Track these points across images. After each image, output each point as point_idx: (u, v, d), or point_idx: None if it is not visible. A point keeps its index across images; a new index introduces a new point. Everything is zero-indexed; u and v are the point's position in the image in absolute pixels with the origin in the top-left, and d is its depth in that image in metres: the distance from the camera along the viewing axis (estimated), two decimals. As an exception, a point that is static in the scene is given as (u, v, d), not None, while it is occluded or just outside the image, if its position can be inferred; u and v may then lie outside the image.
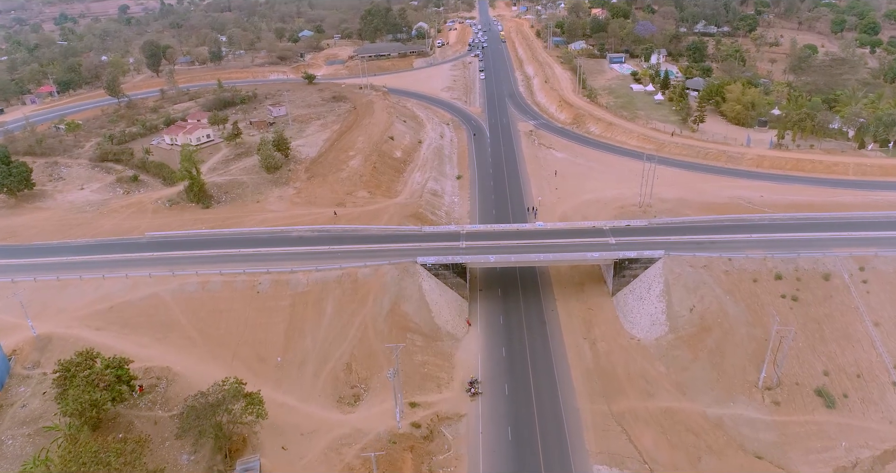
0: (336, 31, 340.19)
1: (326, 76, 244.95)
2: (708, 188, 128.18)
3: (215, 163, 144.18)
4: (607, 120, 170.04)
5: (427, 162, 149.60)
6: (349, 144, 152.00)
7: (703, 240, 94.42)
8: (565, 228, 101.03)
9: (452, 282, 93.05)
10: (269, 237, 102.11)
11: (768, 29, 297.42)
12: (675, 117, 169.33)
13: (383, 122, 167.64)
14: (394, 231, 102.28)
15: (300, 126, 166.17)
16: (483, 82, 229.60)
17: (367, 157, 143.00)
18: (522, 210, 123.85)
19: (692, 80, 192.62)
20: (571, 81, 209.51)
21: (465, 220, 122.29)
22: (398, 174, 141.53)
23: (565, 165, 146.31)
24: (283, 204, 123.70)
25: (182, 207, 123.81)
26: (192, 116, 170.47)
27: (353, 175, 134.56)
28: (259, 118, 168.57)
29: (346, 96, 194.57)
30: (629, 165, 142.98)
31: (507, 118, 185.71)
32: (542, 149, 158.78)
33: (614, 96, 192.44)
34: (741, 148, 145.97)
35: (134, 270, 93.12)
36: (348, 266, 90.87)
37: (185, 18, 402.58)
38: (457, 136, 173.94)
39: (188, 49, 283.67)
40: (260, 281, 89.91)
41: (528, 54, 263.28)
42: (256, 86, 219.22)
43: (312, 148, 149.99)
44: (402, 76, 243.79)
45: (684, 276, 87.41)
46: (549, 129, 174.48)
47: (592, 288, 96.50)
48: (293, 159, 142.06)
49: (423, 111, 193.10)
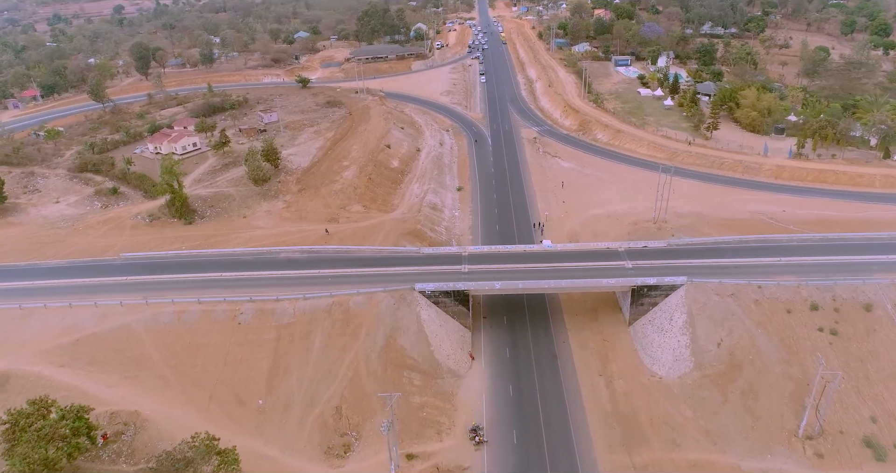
0: (333, 32, 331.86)
1: (322, 79, 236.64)
2: (726, 202, 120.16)
3: (201, 174, 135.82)
4: (615, 127, 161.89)
5: (426, 172, 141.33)
6: (343, 153, 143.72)
7: (729, 264, 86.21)
8: (577, 249, 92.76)
9: (454, 310, 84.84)
10: (254, 259, 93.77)
11: (776, 30, 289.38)
12: (686, 124, 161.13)
13: (380, 129, 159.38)
14: (390, 253, 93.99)
15: (292, 133, 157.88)
16: (484, 86, 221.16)
17: (362, 167, 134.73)
18: (528, 226, 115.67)
19: (703, 84, 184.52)
20: (576, 85, 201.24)
21: (466, 236, 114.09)
22: (395, 186, 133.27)
23: (572, 176, 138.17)
24: (271, 219, 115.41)
25: (163, 223, 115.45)
26: (178, 122, 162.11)
27: (346, 187, 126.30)
28: (249, 125, 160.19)
29: (341, 101, 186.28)
30: (640, 176, 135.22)
31: (509, 124, 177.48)
32: (547, 158, 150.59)
33: (621, 101, 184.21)
34: (759, 158, 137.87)
35: (104, 297, 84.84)
36: (339, 294, 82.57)
37: (178, 19, 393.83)
38: (457, 143, 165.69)
39: (180, 51, 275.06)
40: (242, 311, 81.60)
41: (529, 56, 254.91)
42: (248, 90, 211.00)
43: (304, 157, 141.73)
44: (400, 79, 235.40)
45: (710, 305, 79.19)
46: (553, 136, 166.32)
47: (607, 316, 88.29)
48: (284, 170, 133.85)
49: (421, 117, 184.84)
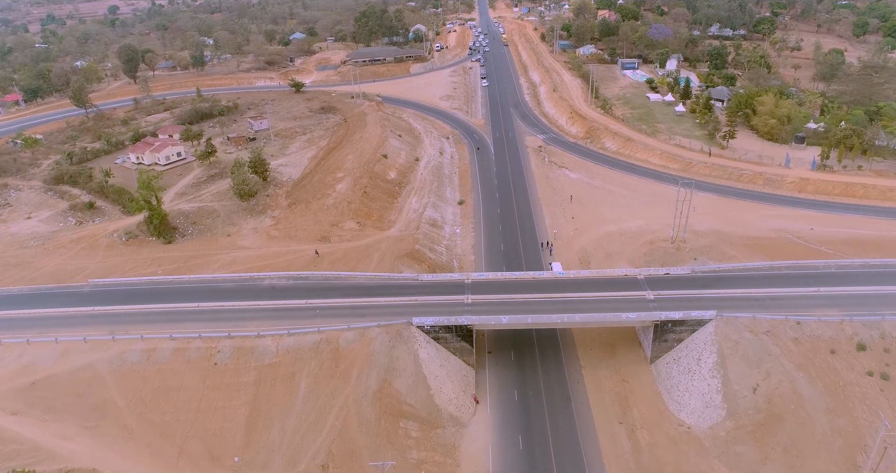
0: (330, 33, 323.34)
1: (316, 83, 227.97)
2: (747, 218, 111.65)
3: (185, 186, 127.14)
4: (625, 135, 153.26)
5: (425, 184, 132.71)
6: (337, 163, 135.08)
7: (762, 295, 77.59)
8: (592, 277, 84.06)
9: (456, 347, 76.27)
10: (235, 287, 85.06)
11: (786, 32, 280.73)
12: (699, 132, 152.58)
13: (376, 137, 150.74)
14: (385, 281, 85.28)
15: (283, 142, 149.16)
16: (485, 90, 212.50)
17: (356, 179, 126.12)
18: (535, 245, 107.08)
19: (715, 89, 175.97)
20: (582, 90, 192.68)
21: (468, 257, 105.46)
22: (392, 200, 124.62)
23: (581, 189, 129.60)
24: (257, 238, 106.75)
25: (140, 242, 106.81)
26: (163, 130, 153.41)
27: (340, 202, 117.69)
28: (238, 133, 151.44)
29: (335, 107, 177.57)
30: (653, 189, 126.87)
31: (513, 131, 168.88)
32: (553, 168, 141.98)
33: (630, 107, 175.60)
34: (780, 169, 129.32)
35: (67, 331, 76.32)
36: (328, 329, 73.97)
37: (172, 20, 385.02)
38: (458, 152, 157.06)
39: (171, 53, 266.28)
40: (219, 349, 72.99)
41: (532, 59, 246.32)
42: (239, 94, 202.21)
43: (295, 168, 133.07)
44: (398, 83, 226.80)
45: (743, 344, 70.62)
46: (559, 144, 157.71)
47: (626, 352, 79.69)
48: (273, 182, 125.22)
49: (420, 123, 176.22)
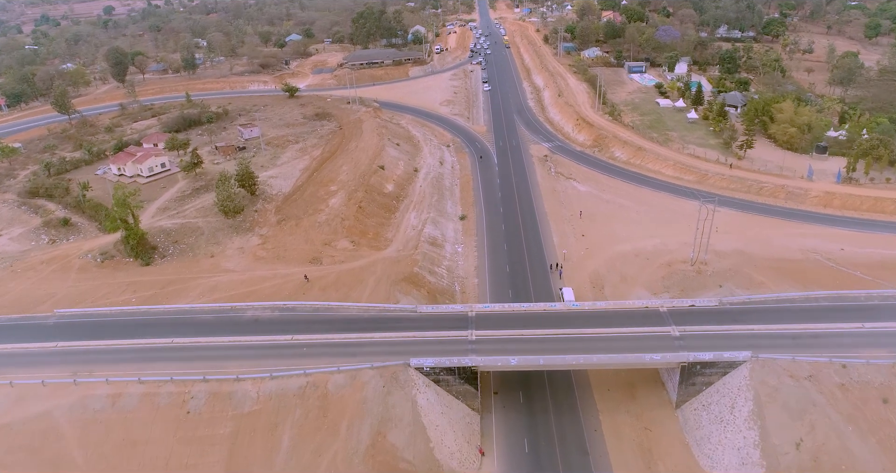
0: (327, 35, 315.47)
1: (312, 87, 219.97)
2: (771, 236, 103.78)
3: (168, 200, 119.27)
4: (635, 143, 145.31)
5: (424, 197, 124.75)
6: (331, 175, 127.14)
7: (800, 331, 69.61)
8: (609, 310, 76.03)
9: (459, 390, 68.30)
10: (215, 320, 77.02)
11: (795, 33, 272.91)
12: (714, 140, 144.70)
13: (373, 146, 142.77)
14: (380, 312, 77.23)
15: (274, 151, 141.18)
16: (487, 95, 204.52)
17: (351, 193, 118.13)
18: (543, 267, 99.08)
19: (728, 94, 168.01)
20: (588, 95, 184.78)
21: (471, 280, 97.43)
22: (389, 215, 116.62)
23: (591, 203, 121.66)
24: (243, 260, 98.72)
25: (116, 263, 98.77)
26: (147, 138, 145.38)
27: (333, 218, 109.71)
28: (227, 142, 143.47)
29: (331, 113, 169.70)
30: (668, 203, 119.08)
31: (516, 139, 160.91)
32: (560, 180, 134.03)
33: (639, 113, 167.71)
34: (802, 182, 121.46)
35: (25, 372, 68.45)
36: (315, 372, 65.99)
37: (166, 21, 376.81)
38: (459, 162, 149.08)
39: (162, 55, 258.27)
40: (193, 394, 64.99)
41: (535, 62, 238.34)
42: (231, 99, 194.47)
43: (286, 181, 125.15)
44: (397, 87, 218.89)
45: (783, 391, 62.64)
46: (566, 153, 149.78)
47: (647, 394, 71.68)
48: (262, 196, 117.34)
49: (419, 130, 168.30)
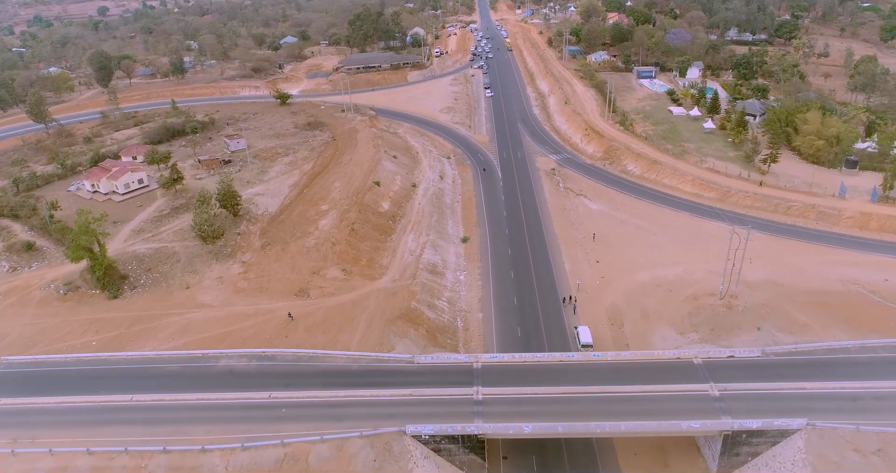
0: (323, 36, 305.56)
1: (306, 92, 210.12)
2: (805, 264, 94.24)
3: (144, 221, 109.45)
4: (649, 156, 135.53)
5: (423, 217, 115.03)
6: (322, 192, 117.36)
7: (860, 392, 59.92)
8: (636, 361, 66.22)
9: (463, 460, 58.69)
10: (182, 371, 67.28)
11: (808, 36, 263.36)
12: (733, 153, 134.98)
13: (368, 159, 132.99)
14: (371, 363, 67.43)
15: (262, 165, 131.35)
16: (489, 101, 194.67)
17: (343, 213, 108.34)
18: (554, 299, 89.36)
19: (746, 102, 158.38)
20: (597, 102, 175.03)
21: (475, 315, 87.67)
22: (384, 238, 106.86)
23: (604, 223, 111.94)
24: (222, 292, 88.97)
25: (81, 296, 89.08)
26: (126, 151, 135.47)
27: (323, 242, 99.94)
28: (210, 155, 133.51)
29: (324, 122, 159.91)
30: (689, 224, 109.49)
31: (521, 151, 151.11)
32: (570, 196, 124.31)
33: (652, 122, 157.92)
34: (834, 200, 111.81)
35: (-43, 438, 58.69)
36: (295, 441, 56.30)
37: (158, 22, 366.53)
38: (461, 175, 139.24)
39: (151, 59, 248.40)
40: (150, 469, 55.24)
41: (539, 66, 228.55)
42: (219, 106, 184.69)
43: (274, 199, 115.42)
44: (395, 93, 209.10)
45: (847, 468, 52.95)
46: (575, 166, 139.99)
47: (681, 462, 61.72)
48: (246, 216, 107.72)
49: (417, 140, 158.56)
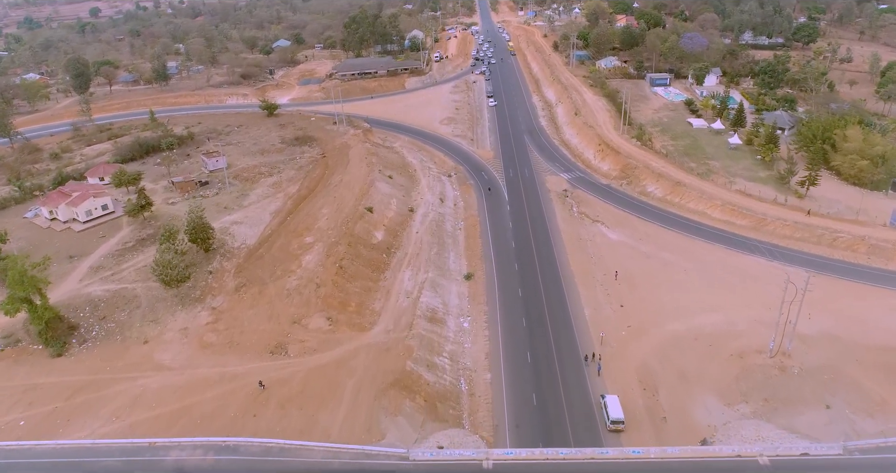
0: (318, 39, 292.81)
1: (297, 101, 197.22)
2: (863, 312, 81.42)
3: (105, 255, 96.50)
4: (671, 177, 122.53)
5: (421, 249, 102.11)
6: (308, 220, 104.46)
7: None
8: (686, 460, 53.45)
9: None
10: (123, 468, 54.32)
11: (826, 40, 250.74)
12: (764, 173, 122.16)
13: (360, 180, 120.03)
14: (356, 459, 54.56)
15: (243, 187, 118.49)
16: (493, 111, 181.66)
17: (330, 247, 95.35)
18: (574, 356, 76.42)
19: (773, 114, 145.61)
20: (609, 113, 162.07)
21: (481, 375, 74.71)
22: (377, 275, 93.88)
23: (626, 257, 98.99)
24: (185, 348, 76.08)
25: (20, 352, 76.25)
26: (92, 171, 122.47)
27: (306, 283, 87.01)
28: (185, 176, 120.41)
29: (313, 137, 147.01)
30: (722, 259, 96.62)
31: (529, 168, 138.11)
32: (585, 223, 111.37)
33: (671, 137, 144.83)
34: (886, 231, 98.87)
35: None
36: None
37: (147, 24, 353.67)
38: (463, 196, 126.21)
39: (134, 64, 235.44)
40: None
41: (545, 73, 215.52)
42: (203, 117, 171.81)
43: (253, 228, 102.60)
44: (392, 101, 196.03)
45: None
46: (589, 186, 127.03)
47: None
48: (220, 250, 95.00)
49: (415, 156, 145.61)
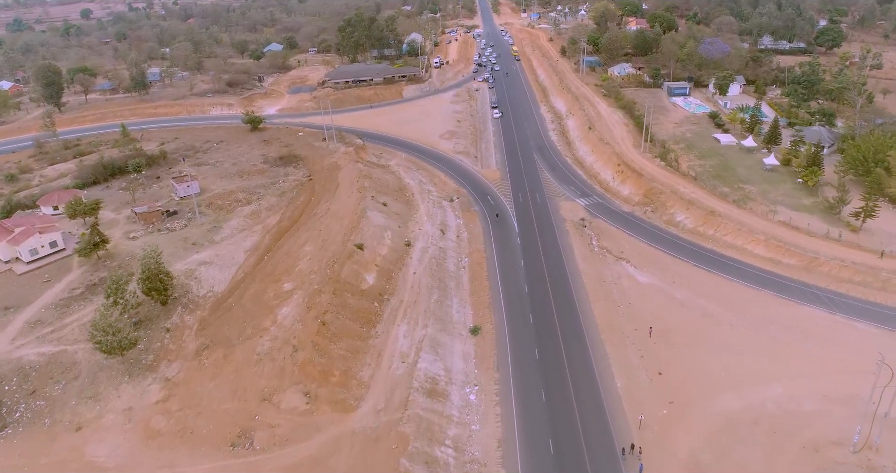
0: (312, 43, 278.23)
1: (286, 111, 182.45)
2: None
3: (46, 305, 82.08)
4: (703, 204, 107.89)
5: (419, 294, 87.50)
6: (287, 261, 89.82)
7: None
8: None
9: None
10: None
11: (848, 44, 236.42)
12: (808, 199, 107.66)
13: (350, 209, 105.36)
14: None
15: (216, 218, 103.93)
16: (498, 124, 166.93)
17: (312, 296, 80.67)
18: (606, 445, 61.97)
19: (809, 130, 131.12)
20: (627, 128, 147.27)
21: (493, 467, 60.19)
22: (367, 331, 79.20)
23: (659, 305, 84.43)
24: (127, 438, 61.56)
25: (-79, 444, 61.77)
26: (45, 199, 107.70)
27: (281, 345, 72.39)
28: (150, 204, 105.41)
29: (300, 156, 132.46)
30: (775, 310, 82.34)
31: (541, 191, 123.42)
32: (608, 261, 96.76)
33: (697, 155, 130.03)
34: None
35: None
36: None
37: (135, 27, 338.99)
38: (467, 226, 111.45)
39: (113, 71, 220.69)
40: None
41: (553, 80, 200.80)
42: (181, 131, 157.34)
43: (223, 271, 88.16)
44: (388, 112, 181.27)
45: None
46: (609, 214, 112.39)
47: None
48: (182, 298, 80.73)
49: (413, 177, 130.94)
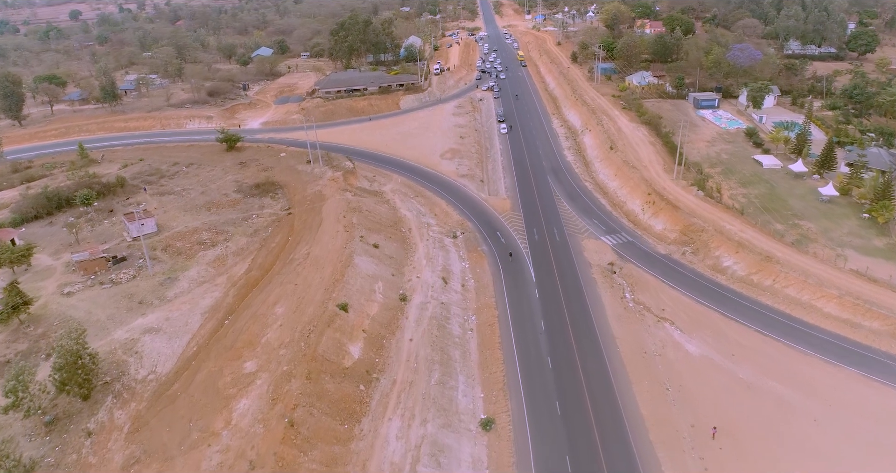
0: (304, 47, 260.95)
1: (270, 125, 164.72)
2: None
3: (-58, 393, 64.44)
4: (755, 246, 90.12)
5: (417, 372, 69.86)
6: (253, 329, 72.12)
7: None
8: None
9: None
10: None
11: (881, 48, 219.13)
12: (881, 240, 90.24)
13: (334, 254, 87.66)
14: None
15: (173, 266, 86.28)
16: (505, 140, 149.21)
17: (280, 381, 63.02)
18: None
19: (869, 152, 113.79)
20: (654, 148, 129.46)
21: None
22: (348, 430, 61.43)
23: (719, 388, 66.86)
24: None
25: None
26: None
27: (235, 459, 54.82)
28: (93, 250, 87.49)
29: (279, 183, 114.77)
30: (862, 395, 64.67)
31: (559, 226, 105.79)
32: (647, 321, 79.16)
33: (738, 182, 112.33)
34: None
35: None
36: None
37: (118, 29, 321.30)
38: (473, 272, 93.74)
39: (84, 79, 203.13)
40: None
41: (565, 89, 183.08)
42: (148, 150, 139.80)
43: (173, 341, 70.62)
44: (384, 126, 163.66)
45: None
46: (641, 257, 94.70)
47: None
48: (115, 384, 63.34)
49: (411, 206, 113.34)
